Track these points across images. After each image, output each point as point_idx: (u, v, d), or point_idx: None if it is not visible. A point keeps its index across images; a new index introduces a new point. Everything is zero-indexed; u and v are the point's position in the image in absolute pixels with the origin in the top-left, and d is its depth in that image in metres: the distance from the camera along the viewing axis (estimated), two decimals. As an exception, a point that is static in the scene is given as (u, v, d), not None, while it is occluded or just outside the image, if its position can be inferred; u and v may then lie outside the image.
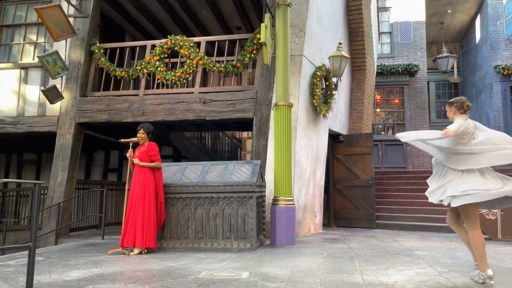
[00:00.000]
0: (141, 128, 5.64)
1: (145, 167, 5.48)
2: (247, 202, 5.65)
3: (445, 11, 14.69)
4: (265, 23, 6.15)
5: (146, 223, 5.32)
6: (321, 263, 4.56)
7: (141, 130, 5.62)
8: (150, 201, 5.41)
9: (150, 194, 5.43)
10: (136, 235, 5.30)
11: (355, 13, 9.61)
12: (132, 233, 5.32)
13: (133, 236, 5.31)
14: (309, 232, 7.59)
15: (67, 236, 7.86)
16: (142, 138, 5.61)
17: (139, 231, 5.29)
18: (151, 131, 5.70)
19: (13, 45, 8.95)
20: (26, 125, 8.30)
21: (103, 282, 3.68)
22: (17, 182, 4.73)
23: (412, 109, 13.45)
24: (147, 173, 5.47)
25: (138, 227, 5.29)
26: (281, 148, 6.26)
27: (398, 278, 3.75)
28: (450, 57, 13.66)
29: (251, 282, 3.61)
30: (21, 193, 11.56)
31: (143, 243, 5.29)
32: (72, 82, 8.16)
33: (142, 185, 5.41)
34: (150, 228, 5.36)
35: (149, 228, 5.34)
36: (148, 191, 5.42)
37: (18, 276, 3.99)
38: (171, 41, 7.91)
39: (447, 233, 7.68)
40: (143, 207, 5.36)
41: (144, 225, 5.30)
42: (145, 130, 5.63)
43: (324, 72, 7.78)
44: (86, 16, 8.33)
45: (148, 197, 5.40)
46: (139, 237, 5.28)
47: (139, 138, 5.60)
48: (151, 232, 5.37)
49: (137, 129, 5.67)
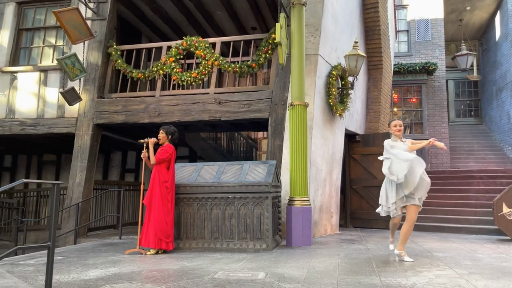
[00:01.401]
0: (161, 128, 5.76)
1: (161, 168, 5.52)
2: (263, 203, 5.64)
3: (463, 8, 14.40)
4: (280, 22, 6.12)
5: (155, 224, 5.35)
6: (337, 264, 4.51)
7: (160, 131, 5.73)
8: (163, 201, 5.45)
9: (163, 194, 5.46)
10: (147, 235, 5.36)
11: (372, 11, 9.50)
12: (148, 234, 5.37)
13: (148, 236, 5.37)
14: (325, 233, 7.52)
15: (85, 236, 7.98)
16: (160, 138, 5.69)
17: (149, 231, 5.36)
18: (171, 132, 5.75)
19: (33, 48, 9.13)
20: (46, 126, 8.45)
21: (120, 281, 3.71)
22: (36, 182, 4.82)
23: (430, 108, 13.23)
24: (162, 174, 5.50)
25: (149, 227, 5.37)
26: (296, 148, 6.22)
27: (417, 280, 3.68)
28: (470, 54, 13.39)
29: (267, 282, 3.59)
30: (41, 193, 11.78)
31: (156, 244, 5.35)
32: (89, 84, 8.28)
33: (156, 185, 5.46)
34: (158, 229, 5.37)
35: (156, 228, 5.35)
36: (161, 191, 5.46)
37: (38, 275, 4.06)
38: (186, 42, 7.95)
39: (467, 234, 7.54)
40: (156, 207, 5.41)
41: (154, 225, 5.35)
42: (164, 130, 5.72)
43: (340, 71, 7.71)
44: (103, 18, 8.45)
45: (160, 198, 5.44)
46: (153, 237, 5.34)
47: (158, 137, 5.69)
48: (163, 232, 5.40)
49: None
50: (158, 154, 5.52)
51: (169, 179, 5.57)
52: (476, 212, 8.31)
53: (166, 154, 5.55)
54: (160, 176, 5.49)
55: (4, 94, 8.75)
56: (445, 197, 9.09)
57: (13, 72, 8.79)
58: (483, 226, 7.68)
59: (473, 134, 14.65)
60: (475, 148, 13.64)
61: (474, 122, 15.71)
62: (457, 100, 15.94)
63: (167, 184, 5.52)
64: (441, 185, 9.67)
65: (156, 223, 5.35)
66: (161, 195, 5.44)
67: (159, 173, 5.49)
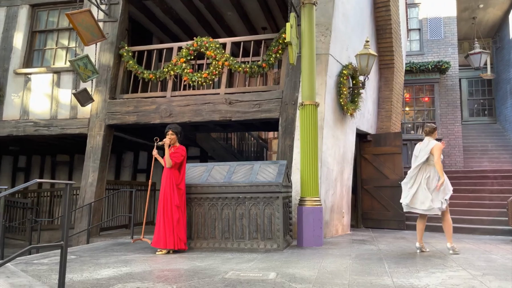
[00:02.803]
0: (169, 129, 5.71)
1: (174, 169, 5.55)
2: (273, 203, 5.63)
3: (477, 6, 14.20)
4: (291, 22, 6.11)
5: (167, 224, 5.39)
6: (349, 264, 4.49)
7: (169, 132, 5.68)
8: (172, 203, 5.47)
9: (172, 196, 5.49)
10: (160, 235, 5.40)
11: (383, 10, 9.43)
12: (164, 235, 5.41)
13: (165, 237, 5.40)
14: (336, 233, 7.49)
15: (98, 235, 8.06)
16: (172, 139, 5.67)
17: (162, 232, 5.39)
18: (179, 131, 5.78)
19: (46, 50, 9.26)
20: (59, 127, 8.56)
21: (132, 280, 3.74)
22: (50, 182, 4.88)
23: (443, 107, 13.07)
24: (173, 175, 5.53)
25: (162, 227, 5.40)
26: (307, 148, 6.20)
27: (430, 281, 3.64)
28: (483, 53, 13.19)
29: (278, 283, 3.58)
30: (54, 193, 11.95)
31: (175, 245, 5.40)
32: (101, 85, 8.36)
33: (169, 187, 5.49)
34: (171, 229, 5.41)
35: (169, 229, 5.39)
36: (175, 193, 5.51)
37: (51, 274, 4.11)
38: (197, 42, 7.98)
39: (481, 235, 7.43)
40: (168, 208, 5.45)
41: (166, 226, 5.39)
42: (173, 130, 5.70)
43: (351, 70, 7.67)
44: (115, 20, 8.52)
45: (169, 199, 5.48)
46: (163, 237, 5.38)
47: (169, 139, 5.64)
48: (175, 232, 5.43)
49: (165, 131, 5.75)
50: (174, 158, 5.54)
51: (182, 181, 5.62)
52: (490, 212, 8.19)
53: (181, 158, 5.61)
54: (173, 177, 5.52)
55: (19, 96, 8.88)
56: (458, 197, 8.97)
57: (27, 73, 8.92)
58: (497, 226, 7.57)
59: (487, 133, 14.44)
60: (489, 147, 13.44)
61: (488, 121, 15.48)
62: (470, 99, 15.73)
63: (180, 186, 5.58)
64: (455, 185, 9.44)
65: (175, 223, 5.39)
66: (175, 196, 5.47)
67: (172, 174, 5.53)
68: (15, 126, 8.74)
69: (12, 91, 8.91)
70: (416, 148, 5.49)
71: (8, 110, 8.87)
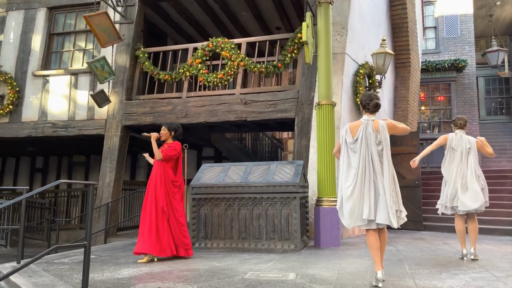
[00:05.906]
0: (163, 124, 5.37)
1: (167, 166, 5.11)
2: (291, 203, 5.61)
3: (494, 3, 13.96)
4: (307, 21, 6.09)
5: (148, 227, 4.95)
6: (369, 265, 4.44)
7: (162, 127, 5.32)
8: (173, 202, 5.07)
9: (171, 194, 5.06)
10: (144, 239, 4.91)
11: (399, 8, 9.34)
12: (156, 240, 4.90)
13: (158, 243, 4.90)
14: (353, 234, 7.43)
15: (115, 235, 8.14)
16: (162, 134, 5.24)
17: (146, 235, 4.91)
18: (174, 127, 5.32)
19: (64, 52, 9.38)
20: (77, 128, 8.66)
21: (153, 280, 3.76)
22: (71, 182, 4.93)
23: (460, 106, 12.89)
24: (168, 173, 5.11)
25: (146, 231, 4.94)
26: (324, 148, 6.16)
27: (453, 282, 3.58)
28: (501, 50, 12.98)
29: (299, 283, 3.57)
30: (71, 193, 12.10)
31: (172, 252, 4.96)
32: (118, 86, 8.44)
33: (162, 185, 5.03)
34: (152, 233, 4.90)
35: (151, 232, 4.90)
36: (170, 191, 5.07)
37: (73, 273, 4.16)
38: (212, 43, 8.00)
39: (502, 235, 7.30)
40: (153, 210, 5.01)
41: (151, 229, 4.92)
42: (166, 126, 5.31)
43: (367, 69, 7.61)
44: (131, 22, 8.60)
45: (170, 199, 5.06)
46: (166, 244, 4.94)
47: (160, 133, 5.24)
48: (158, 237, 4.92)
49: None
50: (166, 150, 5.08)
51: (179, 179, 5.21)
52: (510, 213, 8.04)
53: (174, 151, 5.14)
54: (167, 175, 5.06)
55: (37, 97, 9.02)
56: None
57: (45, 75, 9.05)
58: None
59: (505, 132, 14.17)
60: (507, 147, 13.20)
61: (505, 120, 15.19)
62: (487, 98, 15.46)
63: (176, 184, 5.14)
64: (473, 185, 9.37)
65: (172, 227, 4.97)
66: (169, 195, 5.03)
67: (165, 172, 5.04)
68: (34, 127, 8.87)
69: (30, 93, 9.05)
70: (452, 140, 5.17)
71: (27, 111, 9.01)
